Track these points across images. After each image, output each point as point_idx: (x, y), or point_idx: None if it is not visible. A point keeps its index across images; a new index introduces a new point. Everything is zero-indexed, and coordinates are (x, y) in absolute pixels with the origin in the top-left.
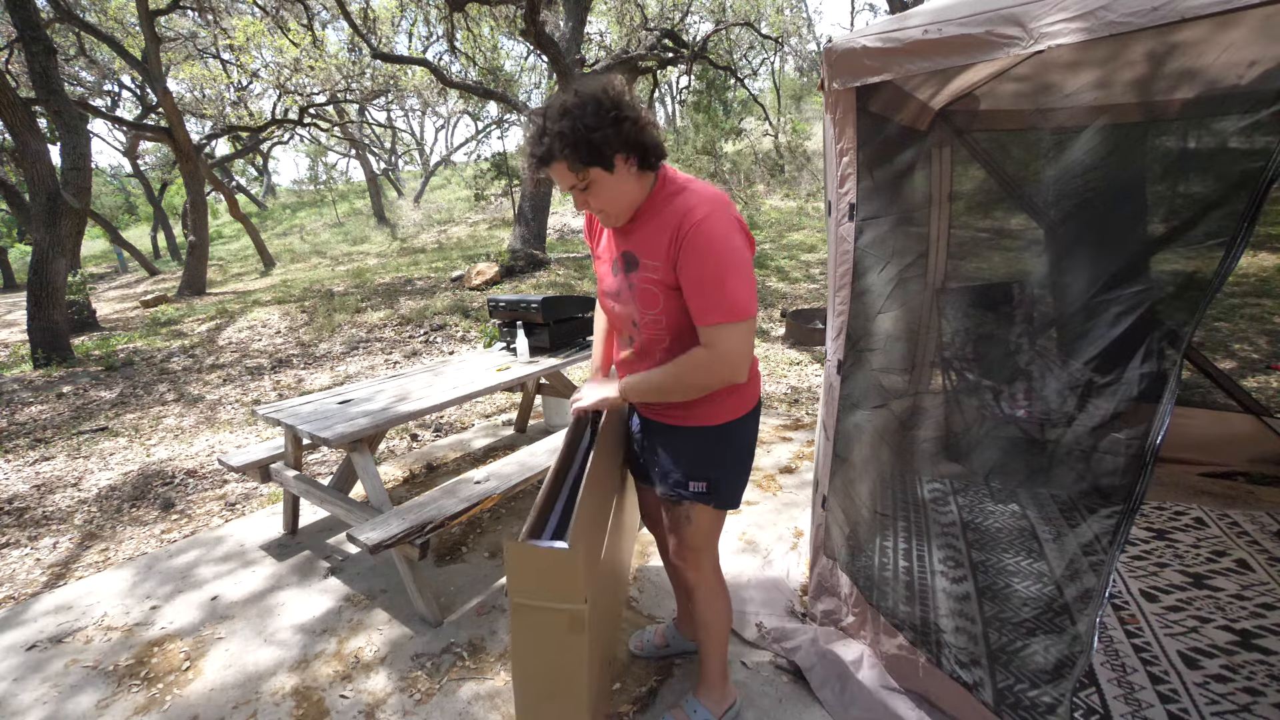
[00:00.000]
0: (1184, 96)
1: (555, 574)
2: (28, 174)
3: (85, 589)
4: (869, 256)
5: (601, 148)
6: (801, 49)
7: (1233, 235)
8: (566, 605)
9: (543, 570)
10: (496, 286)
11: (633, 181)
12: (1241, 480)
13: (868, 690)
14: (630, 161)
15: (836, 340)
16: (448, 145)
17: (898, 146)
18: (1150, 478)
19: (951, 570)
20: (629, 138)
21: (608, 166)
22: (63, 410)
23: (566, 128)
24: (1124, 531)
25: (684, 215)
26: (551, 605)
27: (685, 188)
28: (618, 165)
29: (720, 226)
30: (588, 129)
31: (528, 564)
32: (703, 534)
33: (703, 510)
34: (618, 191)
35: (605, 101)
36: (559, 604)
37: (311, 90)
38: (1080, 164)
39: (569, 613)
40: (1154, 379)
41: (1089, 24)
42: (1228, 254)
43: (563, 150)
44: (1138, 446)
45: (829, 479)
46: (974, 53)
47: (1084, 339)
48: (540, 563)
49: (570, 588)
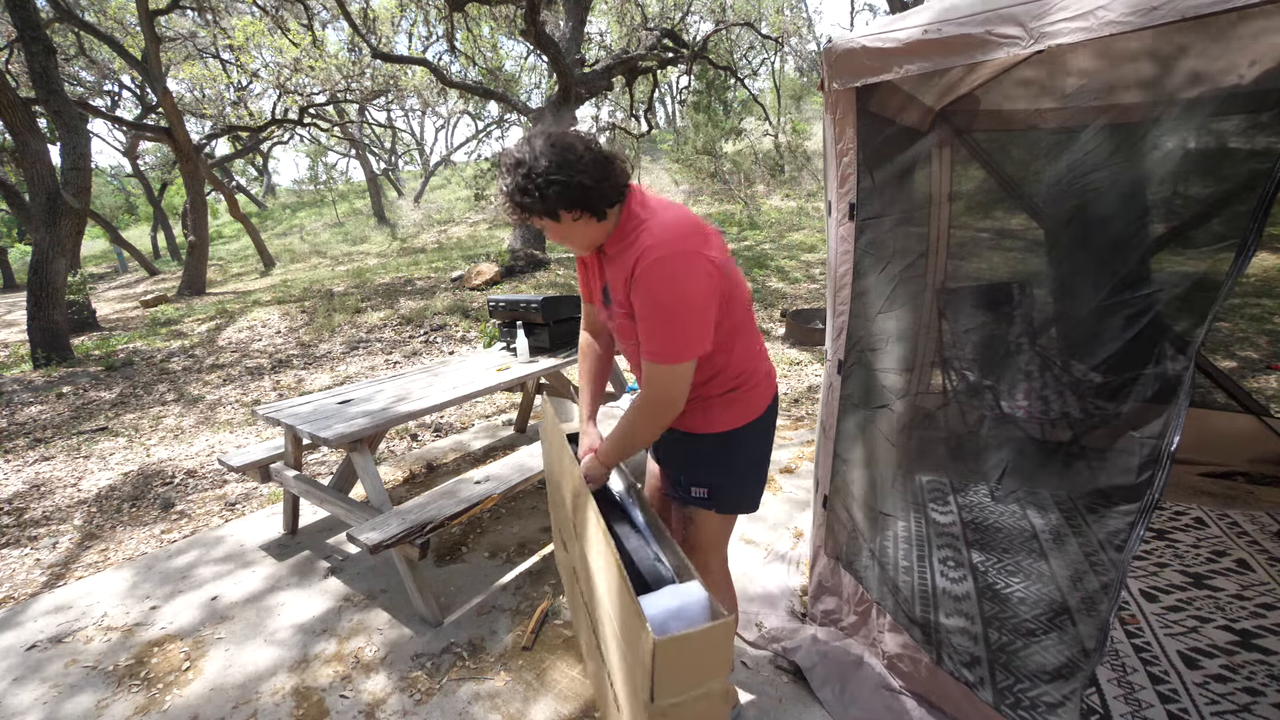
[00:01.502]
0: (1184, 96)
1: (710, 653)
2: (28, 174)
3: (85, 589)
4: (869, 257)
5: (542, 205)
6: (801, 49)
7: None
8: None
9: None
10: (496, 286)
11: (585, 226)
12: (1241, 480)
13: (868, 690)
14: (576, 213)
15: (837, 340)
16: (448, 145)
17: (898, 146)
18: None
19: (952, 570)
20: (573, 197)
21: (553, 218)
22: (62, 410)
23: (507, 185)
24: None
25: (639, 255)
26: (700, 691)
27: (645, 223)
28: (563, 217)
29: (669, 268)
30: (521, 190)
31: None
32: (706, 536)
33: (705, 515)
34: (569, 232)
35: (551, 163)
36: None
37: (311, 90)
38: (1081, 164)
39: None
40: (1165, 381)
41: (1089, 24)
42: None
43: (548, 200)
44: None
45: (830, 479)
46: (974, 53)
47: (1092, 341)
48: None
49: (721, 660)
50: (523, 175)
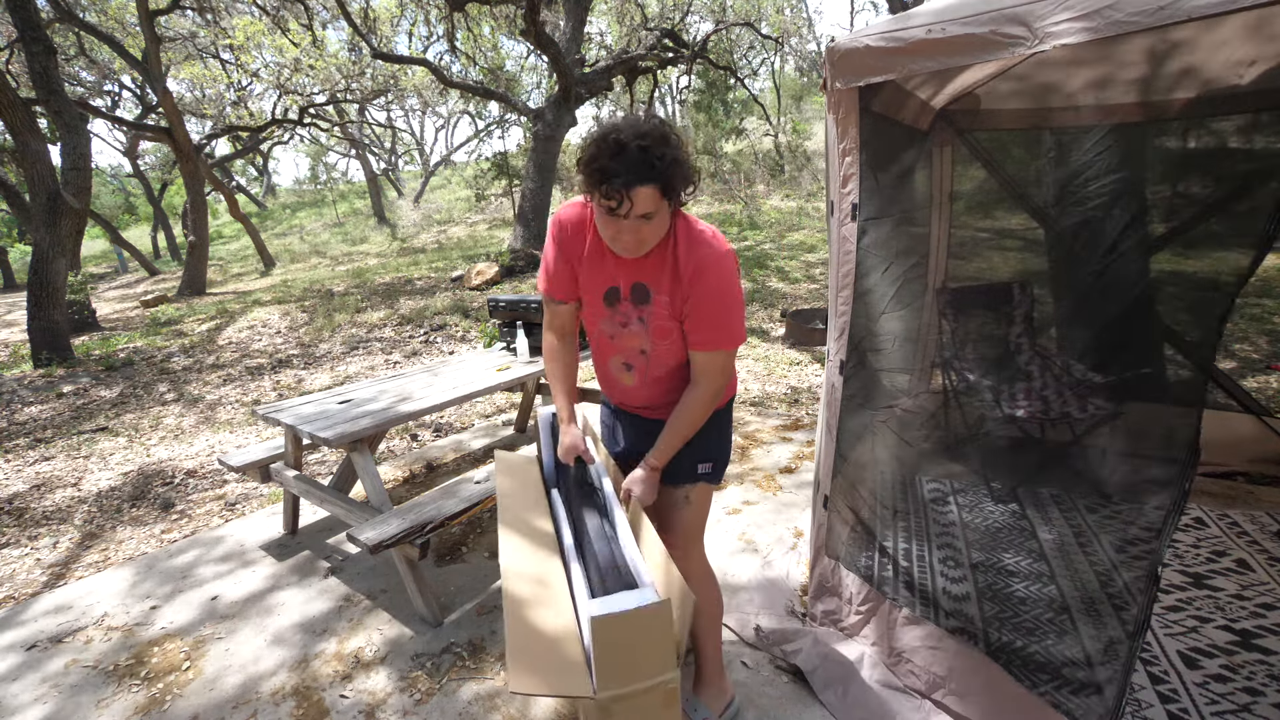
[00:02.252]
0: (1185, 96)
1: (648, 639)
2: (28, 174)
3: (85, 589)
4: (871, 257)
5: (685, 183)
6: (802, 49)
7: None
8: (660, 678)
9: (634, 642)
10: (496, 286)
11: (665, 217)
12: (1241, 480)
13: (872, 692)
14: (673, 199)
15: (838, 340)
16: (448, 145)
17: (900, 146)
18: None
19: (952, 570)
20: (694, 180)
21: (667, 195)
22: (63, 410)
23: (677, 156)
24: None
25: (705, 253)
26: (644, 685)
27: (691, 225)
28: (664, 200)
29: (729, 265)
30: (684, 162)
31: (619, 640)
32: (699, 515)
33: (702, 490)
34: (663, 226)
35: (680, 141)
36: (652, 679)
37: (311, 90)
38: (1081, 164)
39: (662, 687)
40: (1161, 380)
41: (1094, 23)
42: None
43: (673, 178)
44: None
45: (830, 479)
46: (978, 52)
47: (1088, 340)
48: (632, 632)
49: (663, 652)
50: (670, 148)
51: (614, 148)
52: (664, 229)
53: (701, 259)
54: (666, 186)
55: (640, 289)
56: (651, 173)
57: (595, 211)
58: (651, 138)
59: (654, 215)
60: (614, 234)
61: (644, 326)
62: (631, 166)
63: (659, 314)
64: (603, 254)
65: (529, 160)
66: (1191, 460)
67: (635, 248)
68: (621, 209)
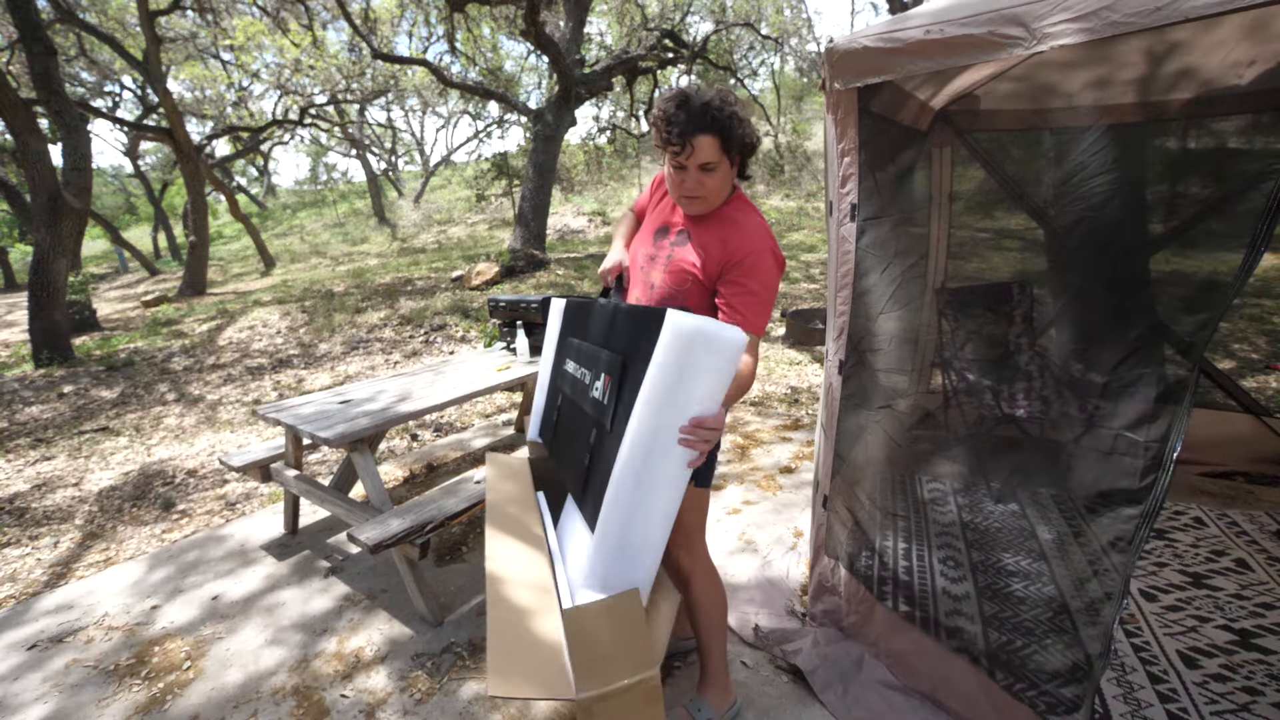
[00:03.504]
0: (1184, 97)
1: (621, 630)
2: (29, 174)
3: (86, 588)
4: (870, 257)
5: (745, 144)
6: (801, 49)
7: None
8: (639, 675)
9: (607, 635)
10: (496, 286)
11: (730, 180)
12: (1241, 480)
13: (871, 691)
14: (736, 165)
15: (838, 340)
16: (448, 145)
17: (899, 147)
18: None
19: (952, 570)
20: (753, 145)
21: (733, 160)
22: (64, 410)
23: (739, 113)
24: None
25: (750, 239)
26: (624, 683)
27: (750, 210)
28: (734, 158)
29: (773, 261)
30: (747, 123)
31: (591, 632)
32: (693, 517)
33: (691, 493)
34: (725, 184)
35: (745, 110)
36: (630, 677)
37: (312, 90)
38: (1081, 164)
39: (643, 685)
40: (1161, 380)
41: (1092, 24)
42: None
43: (733, 131)
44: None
45: (830, 479)
46: (976, 53)
47: (1087, 340)
48: (603, 623)
49: (639, 646)
50: (736, 108)
51: (679, 99)
52: (725, 188)
53: (754, 248)
54: (727, 138)
55: (685, 233)
56: (712, 123)
57: (665, 169)
58: (716, 95)
59: (715, 168)
60: (679, 184)
61: (667, 263)
62: (693, 116)
63: (683, 258)
64: (673, 205)
65: (529, 160)
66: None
67: (699, 201)
68: (684, 155)
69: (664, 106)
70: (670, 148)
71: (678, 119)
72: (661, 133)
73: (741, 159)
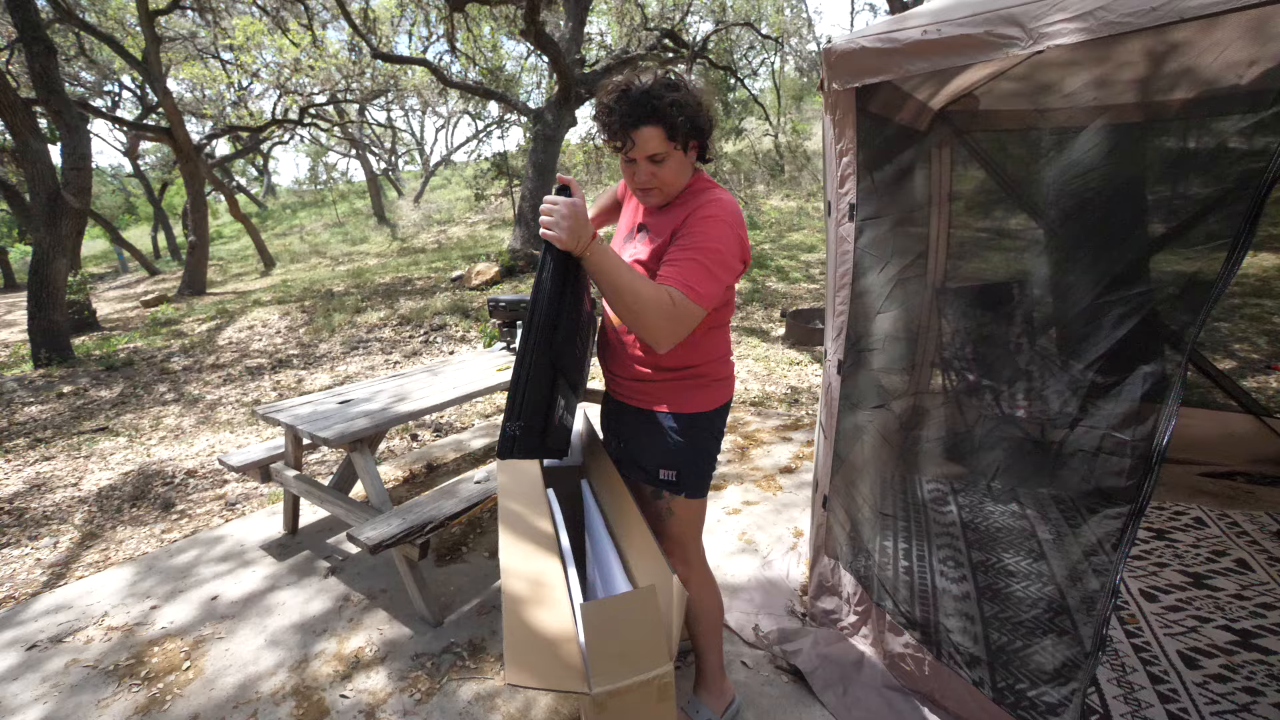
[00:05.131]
0: (1184, 96)
1: (638, 625)
2: (28, 174)
3: (85, 589)
4: (869, 257)
5: (694, 128)
6: (801, 49)
7: (1235, 236)
8: (654, 672)
9: (624, 628)
10: (496, 286)
11: (688, 168)
12: (1241, 480)
13: (871, 691)
14: (693, 150)
15: (836, 340)
16: (448, 145)
17: (897, 147)
18: (1156, 480)
19: (952, 570)
20: (705, 128)
21: (686, 147)
22: (63, 410)
23: (680, 99)
24: (1130, 534)
25: (708, 201)
26: (636, 679)
27: (711, 188)
28: (690, 150)
29: (726, 227)
30: (693, 107)
31: (609, 625)
32: (684, 525)
33: (681, 504)
34: (680, 173)
35: (695, 91)
36: (645, 673)
37: (311, 90)
38: (1080, 164)
39: (657, 682)
40: (1158, 380)
41: (1088, 24)
42: (1230, 255)
43: (673, 118)
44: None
45: (829, 479)
46: (974, 53)
47: (1086, 340)
48: (621, 617)
49: (655, 643)
50: (678, 93)
51: (619, 89)
52: (682, 177)
53: (701, 207)
54: (670, 127)
55: (643, 231)
56: (652, 113)
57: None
58: (655, 82)
59: (664, 159)
60: (631, 177)
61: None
62: (633, 106)
63: (635, 257)
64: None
65: (529, 160)
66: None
67: (655, 193)
68: (626, 149)
69: (603, 99)
70: (613, 142)
71: (617, 110)
72: (603, 127)
73: (699, 144)
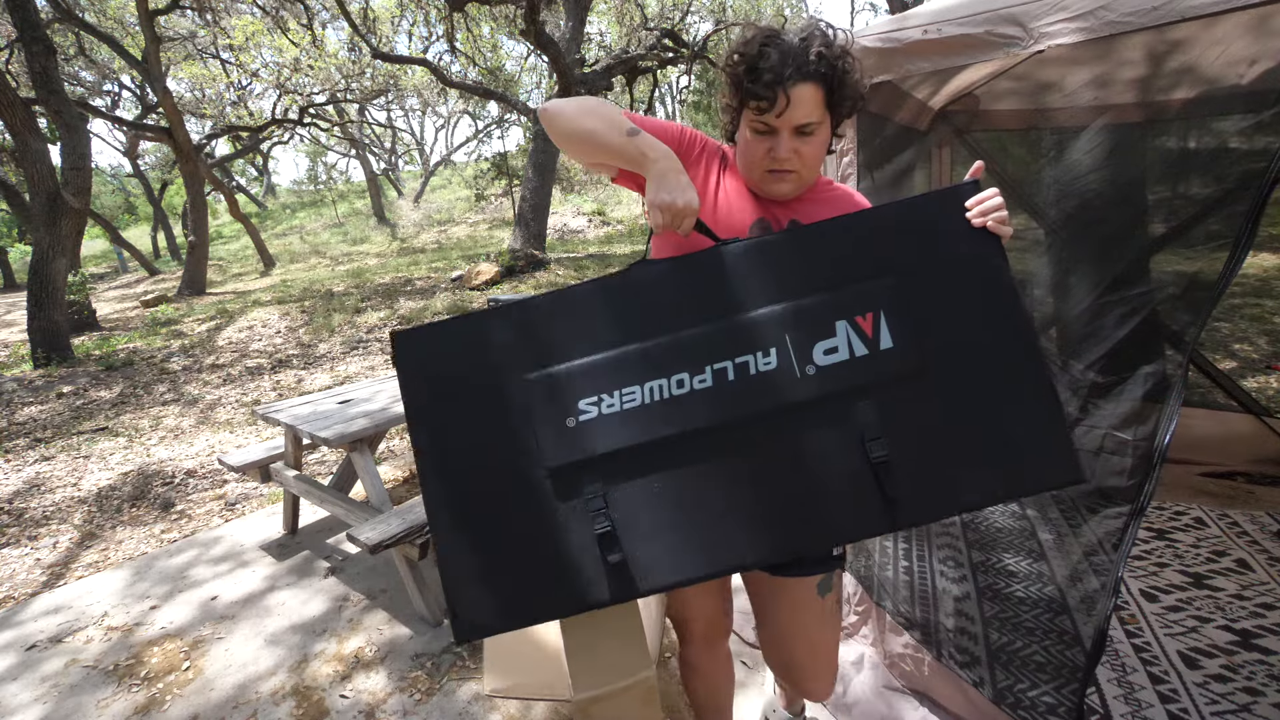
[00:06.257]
0: (1184, 96)
1: (617, 630)
2: (28, 174)
3: (84, 589)
4: None
5: (860, 96)
6: None
7: (1236, 236)
8: (635, 677)
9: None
10: (496, 286)
11: (827, 143)
12: (1241, 480)
13: (870, 692)
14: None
15: None
16: (448, 145)
17: (897, 146)
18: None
19: (952, 570)
20: (859, 95)
21: (835, 121)
22: (62, 410)
23: (850, 65)
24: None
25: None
26: (618, 685)
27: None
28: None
29: None
30: (856, 72)
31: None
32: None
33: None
34: (822, 155)
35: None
36: (626, 679)
37: (311, 90)
38: (1081, 164)
39: (639, 687)
40: (1159, 381)
41: (1089, 24)
42: (1232, 255)
43: (847, 78)
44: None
45: None
46: (974, 53)
47: (1087, 340)
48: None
49: (635, 646)
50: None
51: (766, 36)
52: (821, 159)
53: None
54: (831, 90)
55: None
56: (814, 68)
57: (740, 142)
58: (814, 32)
59: (814, 130)
60: (763, 155)
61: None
62: (789, 58)
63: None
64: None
65: (529, 160)
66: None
67: (792, 177)
68: (775, 110)
69: (744, 49)
70: (756, 103)
71: (768, 61)
72: (741, 82)
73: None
